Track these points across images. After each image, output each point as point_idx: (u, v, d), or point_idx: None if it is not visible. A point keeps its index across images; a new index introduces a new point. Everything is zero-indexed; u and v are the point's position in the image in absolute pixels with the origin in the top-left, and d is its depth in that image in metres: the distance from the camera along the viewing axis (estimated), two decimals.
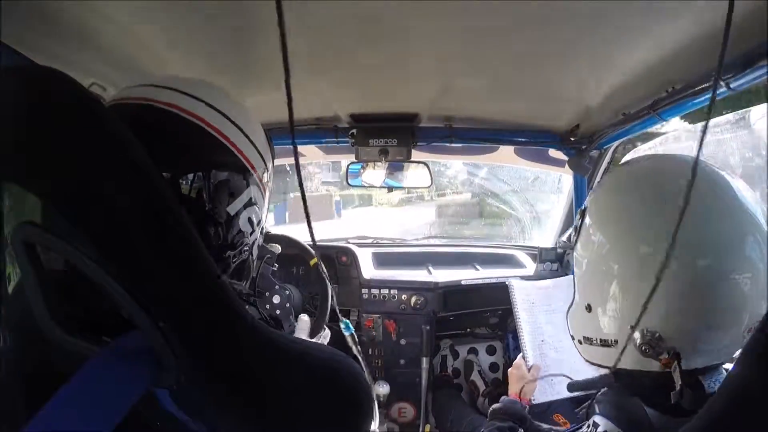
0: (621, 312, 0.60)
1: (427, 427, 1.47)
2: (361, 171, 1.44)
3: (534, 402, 1.11)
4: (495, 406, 1.04)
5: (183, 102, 0.48)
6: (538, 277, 1.52)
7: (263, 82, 0.97)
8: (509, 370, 1.20)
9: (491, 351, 1.55)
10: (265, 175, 0.58)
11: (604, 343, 0.63)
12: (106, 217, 0.34)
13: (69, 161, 0.34)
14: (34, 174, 0.35)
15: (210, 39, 0.79)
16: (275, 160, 0.66)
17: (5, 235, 0.40)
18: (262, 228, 0.60)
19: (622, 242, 0.61)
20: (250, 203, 0.54)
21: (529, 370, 1.17)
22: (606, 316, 0.62)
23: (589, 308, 0.64)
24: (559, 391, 1.16)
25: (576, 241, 0.70)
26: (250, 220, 0.55)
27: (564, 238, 0.68)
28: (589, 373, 0.70)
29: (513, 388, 1.12)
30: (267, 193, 0.60)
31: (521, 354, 1.24)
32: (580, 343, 0.68)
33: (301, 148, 1.58)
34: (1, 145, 0.35)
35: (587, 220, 0.67)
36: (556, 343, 1.26)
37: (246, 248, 0.56)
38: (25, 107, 0.35)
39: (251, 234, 0.56)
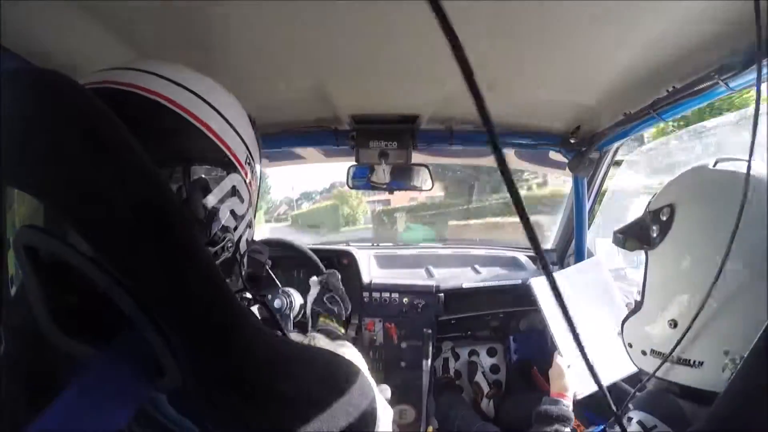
0: (718, 335, 0.54)
1: (429, 429, 1.47)
2: (369, 174, 1.44)
3: (579, 397, 1.10)
4: (538, 409, 1.03)
5: (154, 84, 0.44)
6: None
7: (258, 82, 0.98)
8: (549, 370, 1.18)
9: (492, 353, 1.55)
10: (249, 163, 0.53)
11: (684, 362, 0.57)
12: (108, 219, 0.34)
13: (71, 164, 0.34)
14: (36, 177, 0.35)
15: (209, 39, 0.80)
16: (276, 165, 0.63)
17: (7, 238, 0.40)
18: (250, 221, 0.54)
19: (733, 253, 0.52)
20: (231, 194, 0.49)
21: (567, 367, 1.15)
22: (696, 337, 0.56)
23: (674, 324, 0.58)
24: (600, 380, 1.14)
25: (659, 241, 0.62)
26: (233, 213, 0.49)
27: (621, 233, 0.60)
28: (623, 359, 0.67)
29: (555, 387, 1.12)
30: (254, 184, 0.55)
31: (557, 351, 1.21)
32: (644, 354, 0.63)
33: (300, 151, 1.58)
34: (3, 148, 0.35)
35: (682, 219, 0.60)
36: (587, 335, 1.23)
37: (230, 244, 0.50)
38: (27, 110, 0.35)
39: (236, 229, 0.50)
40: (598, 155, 1.38)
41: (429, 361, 1.46)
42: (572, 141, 1.33)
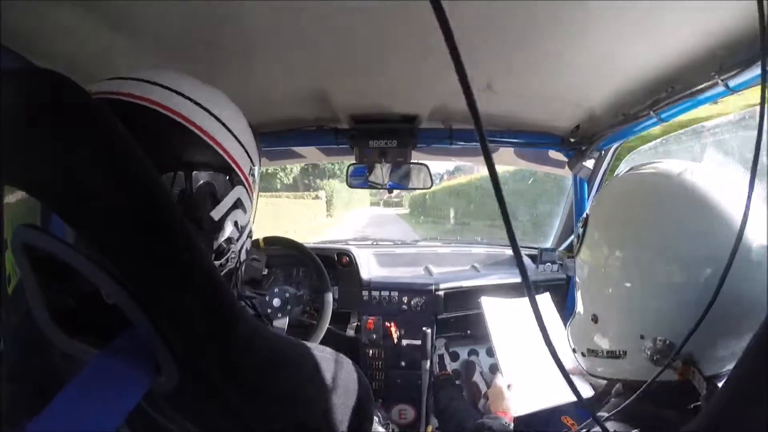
0: (630, 321, 0.58)
1: (429, 428, 1.47)
2: (367, 173, 1.45)
3: (515, 415, 1.10)
4: (477, 422, 1.04)
5: (160, 96, 0.44)
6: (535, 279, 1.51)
7: (251, 80, 0.98)
8: (489, 390, 1.19)
9: (491, 353, 1.55)
10: (252, 173, 0.54)
11: (612, 355, 0.61)
12: (107, 218, 0.34)
13: (69, 164, 0.34)
14: (34, 177, 0.35)
15: (210, 39, 0.80)
16: (276, 163, 0.63)
17: (5, 237, 0.40)
18: (250, 231, 0.56)
19: (628, 250, 0.59)
20: (236, 206, 0.50)
21: (507, 387, 1.16)
22: (614, 326, 0.60)
23: (595, 319, 0.63)
24: (537, 403, 1.14)
25: (579, 249, 0.67)
26: (236, 224, 0.50)
27: (563, 246, 0.64)
28: (562, 388, 0.68)
29: (495, 406, 1.12)
30: (255, 194, 0.55)
31: (498, 373, 1.23)
32: (584, 355, 0.66)
33: (300, 149, 1.59)
34: (3, 148, 0.35)
35: (591, 227, 0.65)
36: (530, 358, 1.24)
37: (233, 255, 0.51)
38: (25, 110, 0.35)
39: (238, 239, 0.52)
40: (599, 155, 1.38)
41: (428, 360, 1.47)
42: (572, 140, 1.33)
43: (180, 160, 0.45)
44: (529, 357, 1.24)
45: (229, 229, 0.49)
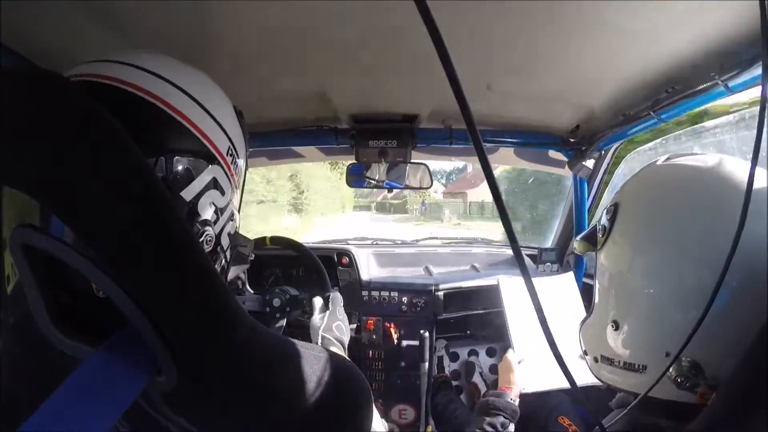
0: (656, 335, 0.52)
1: (429, 428, 1.47)
2: (365, 172, 1.45)
3: (524, 391, 1.12)
4: (481, 400, 1.03)
5: (134, 77, 0.43)
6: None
7: (249, 79, 0.98)
8: (499, 364, 1.21)
9: (491, 353, 1.55)
10: (232, 154, 0.51)
11: (630, 367, 0.55)
12: (103, 217, 0.34)
13: (67, 164, 0.34)
14: (33, 177, 0.35)
15: (210, 39, 0.80)
16: (276, 163, 0.61)
17: (4, 237, 0.40)
18: (233, 214, 0.53)
19: (667, 255, 0.52)
20: (211, 186, 0.48)
21: (518, 362, 1.18)
22: (637, 338, 0.54)
23: (616, 326, 0.56)
24: (548, 382, 1.16)
25: (603, 244, 0.60)
26: (213, 206, 0.48)
27: (578, 238, 0.59)
28: (576, 363, 0.65)
29: (502, 380, 1.13)
30: (236, 176, 0.53)
31: (510, 349, 1.26)
32: (596, 361, 0.60)
33: (300, 149, 1.59)
34: (1, 147, 0.35)
35: (623, 220, 0.58)
36: (543, 339, 1.25)
37: (209, 238, 0.48)
38: (23, 110, 0.35)
39: (216, 222, 0.49)
40: (599, 155, 1.38)
41: (427, 360, 1.47)
42: (572, 140, 1.33)
43: (151, 138, 0.43)
44: (541, 337, 1.24)
45: (204, 210, 0.48)
